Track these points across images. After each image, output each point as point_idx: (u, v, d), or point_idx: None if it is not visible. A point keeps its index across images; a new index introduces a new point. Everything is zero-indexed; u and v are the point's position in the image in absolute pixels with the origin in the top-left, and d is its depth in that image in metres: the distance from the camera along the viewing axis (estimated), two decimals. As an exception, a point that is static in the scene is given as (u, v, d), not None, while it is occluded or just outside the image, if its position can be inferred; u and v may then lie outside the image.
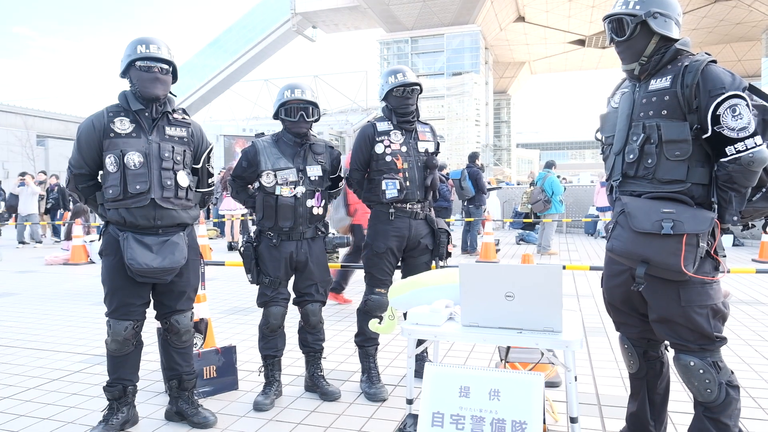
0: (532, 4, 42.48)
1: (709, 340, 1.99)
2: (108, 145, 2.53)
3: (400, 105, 3.09)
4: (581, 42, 47.08)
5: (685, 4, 39.39)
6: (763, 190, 2.00)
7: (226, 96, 53.43)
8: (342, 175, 3.23)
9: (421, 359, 3.28)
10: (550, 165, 10.03)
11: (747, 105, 1.90)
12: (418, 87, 3.13)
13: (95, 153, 2.56)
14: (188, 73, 52.11)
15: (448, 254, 3.25)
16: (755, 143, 1.87)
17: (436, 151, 3.25)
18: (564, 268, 3.92)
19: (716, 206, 1.99)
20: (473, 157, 9.82)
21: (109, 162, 2.52)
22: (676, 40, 2.08)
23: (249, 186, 3.12)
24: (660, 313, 2.04)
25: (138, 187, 2.51)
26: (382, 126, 3.13)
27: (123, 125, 2.56)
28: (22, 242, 12.23)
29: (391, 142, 3.08)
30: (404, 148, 3.10)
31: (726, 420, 1.98)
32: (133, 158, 2.52)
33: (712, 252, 1.98)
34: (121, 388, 2.63)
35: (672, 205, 1.95)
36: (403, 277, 3.19)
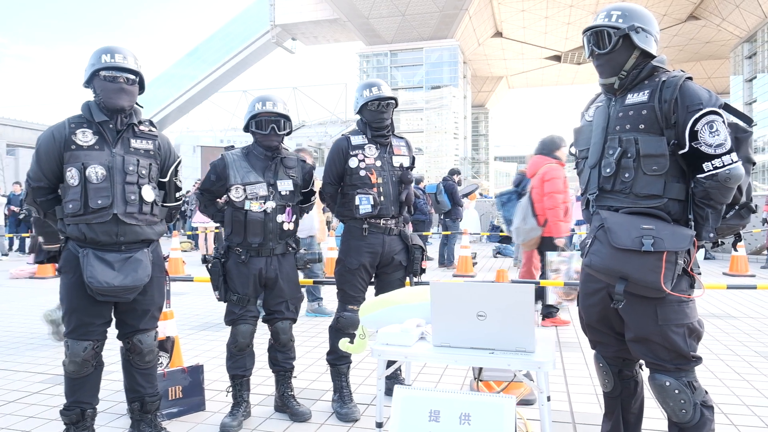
0: (509, 20, 43.21)
1: (685, 360, 1.98)
2: (69, 157, 2.42)
3: (375, 119, 3.05)
4: (557, 58, 47.98)
5: (656, 23, 40.52)
6: (736, 207, 2.01)
7: (204, 106, 53.04)
8: (315, 189, 3.16)
9: (394, 377, 3.21)
10: (525, 179, 10.09)
11: (723, 122, 1.91)
12: (393, 101, 3.09)
13: (55, 165, 2.45)
14: (166, 82, 51.55)
15: (422, 270, 3.20)
16: (732, 160, 1.88)
17: (411, 166, 3.21)
18: (539, 284, 3.91)
19: (693, 223, 1.98)
20: (452, 172, 9.88)
21: (70, 175, 2.42)
22: (654, 57, 2.07)
23: (218, 200, 3.04)
24: (637, 331, 2.02)
25: (100, 201, 2.40)
26: (356, 140, 3.07)
27: (85, 137, 2.46)
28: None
29: (365, 156, 3.03)
30: (378, 163, 3.05)
31: None
32: (96, 171, 2.41)
33: (688, 269, 1.98)
34: (79, 411, 2.50)
35: (651, 221, 1.94)
36: (377, 293, 3.13)
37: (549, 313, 5.09)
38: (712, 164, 1.88)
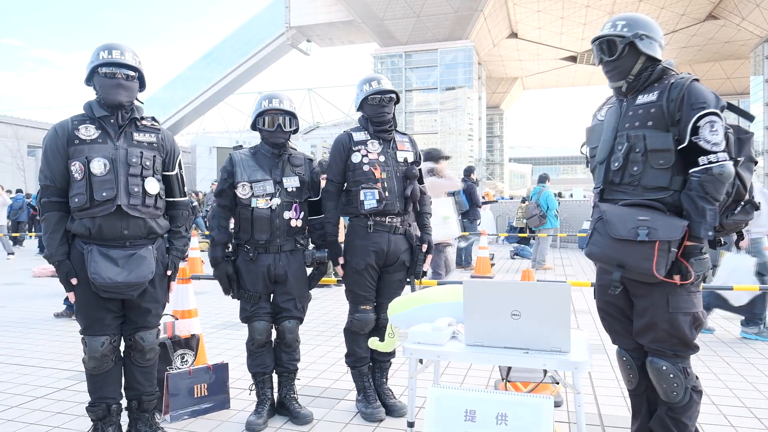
0: (524, 21, 42.98)
1: (685, 347, 2.13)
2: (73, 152, 2.43)
3: (376, 114, 2.99)
4: (573, 58, 47.60)
5: (675, 23, 40.02)
6: (742, 203, 2.15)
7: (220, 108, 53.37)
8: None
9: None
10: (543, 179, 9.98)
11: (722, 125, 2.06)
12: (394, 95, 3.03)
13: (61, 162, 2.43)
14: (181, 85, 52.05)
15: (424, 273, 3.10)
16: (725, 158, 2.04)
17: (416, 161, 3.10)
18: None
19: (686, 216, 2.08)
20: (468, 171, 9.76)
21: (75, 169, 2.42)
22: (660, 61, 2.22)
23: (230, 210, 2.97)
24: (647, 318, 2.14)
25: (104, 194, 2.40)
26: (358, 136, 3.01)
27: (88, 132, 2.46)
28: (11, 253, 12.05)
29: (368, 152, 2.96)
30: (382, 158, 2.97)
31: (686, 420, 2.13)
32: (99, 164, 2.41)
33: (679, 256, 2.04)
34: (104, 407, 2.51)
35: (647, 212, 2.07)
36: (377, 292, 3.05)
37: None
38: (708, 159, 2.02)
